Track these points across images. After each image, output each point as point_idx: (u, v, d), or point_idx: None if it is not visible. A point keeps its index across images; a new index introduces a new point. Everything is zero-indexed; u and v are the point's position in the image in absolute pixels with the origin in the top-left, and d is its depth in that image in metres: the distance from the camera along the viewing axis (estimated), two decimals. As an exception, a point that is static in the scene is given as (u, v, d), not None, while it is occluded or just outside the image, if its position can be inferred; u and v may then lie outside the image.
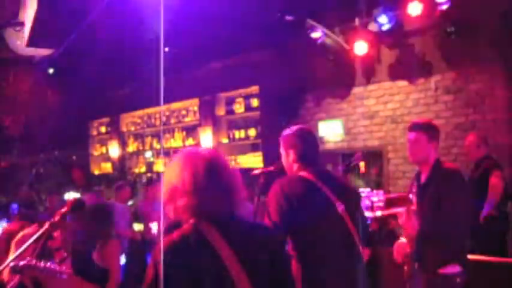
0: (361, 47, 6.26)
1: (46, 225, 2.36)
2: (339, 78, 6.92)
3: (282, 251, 1.81)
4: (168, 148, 9.78)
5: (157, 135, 10.14)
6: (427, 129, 3.08)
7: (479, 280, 3.48)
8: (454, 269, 2.92)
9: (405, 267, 3.22)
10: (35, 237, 2.27)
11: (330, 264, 2.41)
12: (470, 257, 3.16)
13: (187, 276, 1.56)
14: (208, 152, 1.74)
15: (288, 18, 6.26)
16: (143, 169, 10.39)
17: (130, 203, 6.87)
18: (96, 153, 11.73)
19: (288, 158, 2.67)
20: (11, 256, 2.72)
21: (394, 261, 3.29)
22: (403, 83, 6.58)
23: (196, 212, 1.66)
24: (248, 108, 8.36)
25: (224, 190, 1.68)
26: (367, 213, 4.17)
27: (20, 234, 2.75)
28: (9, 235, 2.95)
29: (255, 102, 8.26)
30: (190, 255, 1.58)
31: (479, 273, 3.56)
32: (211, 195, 1.65)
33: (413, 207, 3.05)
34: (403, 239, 3.16)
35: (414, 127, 3.12)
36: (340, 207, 2.46)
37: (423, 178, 3.11)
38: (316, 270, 2.40)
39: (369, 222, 3.11)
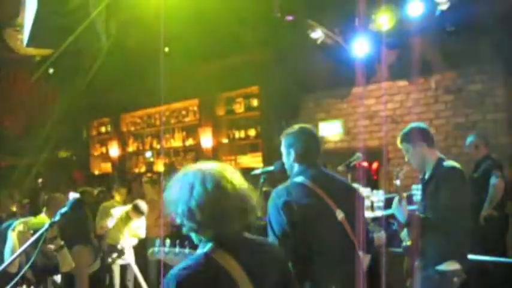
0: (361, 47, 6.26)
1: (46, 225, 2.36)
2: (339, 78, 6.92)
3: (291, 269, 1.81)
4: (168, 148, 9.78)
5: (157, 135, 10.13)
6: (404, 138, 3.28)
7: (479, 280, 3.49)
8: (451, 266, 2.93)
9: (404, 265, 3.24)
10: (36, 236, 2.27)
11: (330, 272, 2.39)
12: (470, 257, 3.16)
13: None
14: (215, 169, 1.67)
15: (288, 18, 6.26)
16: (143, 169, 10.39)
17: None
18: (96, 153, 11.73)
19: (288, 157, 2.65)
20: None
21: (394, 260, 3.30)
22: (403, 83, 6.59)
23: (206, 233, 1.62)
24: (248, 108, 8.36)
25: (238, 208, 1.63)
26: (368, 213, 4.17)
27: (16, 222, 2.76)
28: None
29: (255, 102, 8.26)
30: (206, 283, 1.55)
31: (480, 273, 3.56)
32: (226, 215, 1.61)
33: (404, 194, 3.12)
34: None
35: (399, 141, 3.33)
36: (339, 215, 2.44)
37: (427, 175, 3.21)
38: (315, 278, 2.37)
39: (374, 234, 3.12)
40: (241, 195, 1.65)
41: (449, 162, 3.12)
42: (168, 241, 2.36)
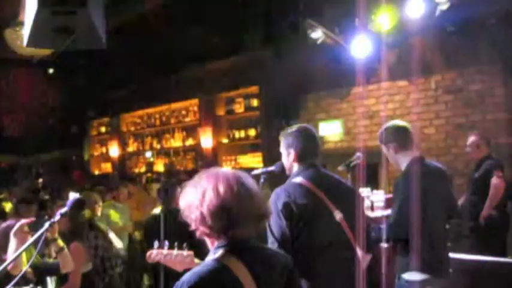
0: (361, 47, 6.26)
1: (46, 225, 2.36)
2: (339, 78, 6.92)
3: (296, 275, 1.81)
4: (168, 148, 9.78)
5: (157, 135, 10.13)
6: (379, 139, 3.31)
7: (479, 280, 3.48)
8: (415, 277, 2.87)
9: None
10: (36, 236, 2.27)
11: (329, 273, 2.38)
12: (470, 257, 3.15)
13: None
14: (232, 174, 1.66)
15: (288, 18, 6.26)
16: (143, 169, 10.39)
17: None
18: (96, 153, 11.73)
19: (288, 157, 2.64)
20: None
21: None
22: (403, 83, 6.58)
23: (225, 237, 1.61)
24: (248, 108, 8.36)
25: (252, 214, 1.63)
26: (367, 214, 4.16)
27: (17, 224, 2.75)
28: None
29: (255, 102, 8.26)
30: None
31: (480, 273, 3.56)
32: (239, 220, 1.59)
33: None
34: None
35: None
36: (338, 216, 2.43)
37: None
38: (315, 280, 2.37)
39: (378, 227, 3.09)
40: (255, 200, 1.63)
41: (408, 168, 3.03)
42: (166, 242, 2.36)
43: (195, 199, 1.61)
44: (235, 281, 1.54)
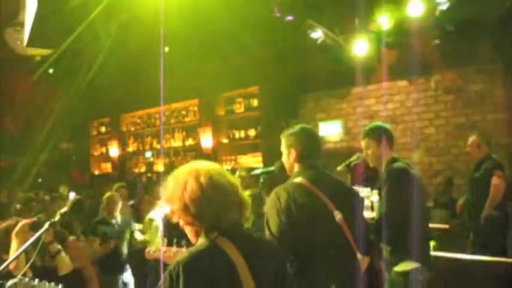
0: (361, 47, 6.26)
1: (46, 225, 2.36)
2: (339, 78, 6.92)
3: (286, 264, 1.86)
4: (168, 148, 9.79)
5: (157, 135, 10.13)
6: (368, 134, 3.31)
7: (479, 280, 3.49)
8: (408, 266, 2.94)
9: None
10: (36, 236, 2.27)
11: (328, 273, 2.38)
12: (470, 257, 3.16)
13: (205, 281, 1.58)
14: (208, 166, 1.74)
15: (288, 18, 6.26)
16: (143, 169, 10.39)
17: (130, 202, 6.87)
18: (96, 153, 11.73)
19: (289, 157, 2.64)
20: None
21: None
22: (403, 83, 6.59)
23: (209, 225, 1.66)
24: (248, 108, 8.36)
25: (233, 201, 1.69)
26: (368, 213, 4.17)
27: (19, 225, 2.75)
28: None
29: (255, 102, 8.26)
30: (210, 266, 1.59)
31: (480, 272, 3.57)
32: (222, 207, 1.66)
33: None
34: None
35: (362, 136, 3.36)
36: (337, 216, 2.43)
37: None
38: (313, 279, 2.37)
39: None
40: (234, 190, 1.71)
41: (397, 164, 3.13)
42: (165, 240, 2.36)
43: (177, 190, 1.68)
44: (227, 260, 1.60)
